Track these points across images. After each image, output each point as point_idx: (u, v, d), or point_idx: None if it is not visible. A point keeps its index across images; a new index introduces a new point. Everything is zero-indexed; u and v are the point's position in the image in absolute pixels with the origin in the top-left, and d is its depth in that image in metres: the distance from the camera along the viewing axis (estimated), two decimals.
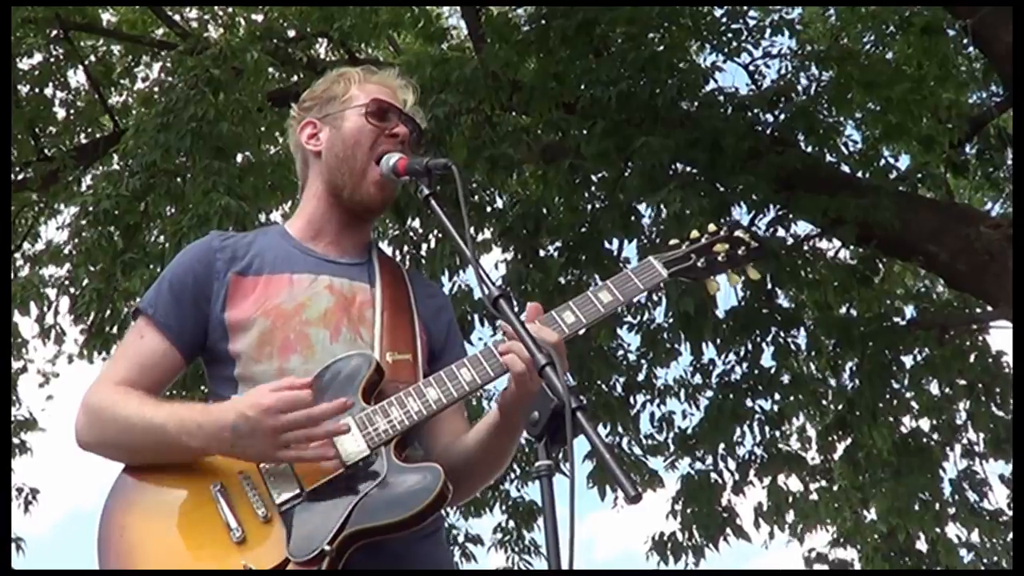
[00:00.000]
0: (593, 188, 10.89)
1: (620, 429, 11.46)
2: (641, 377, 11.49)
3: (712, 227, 3.43)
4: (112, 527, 2.98)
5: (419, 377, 3.18)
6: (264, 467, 2.97)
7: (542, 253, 10.63)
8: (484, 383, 3.08)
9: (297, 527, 2.87)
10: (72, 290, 10.25)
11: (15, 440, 12.24)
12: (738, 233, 3.41)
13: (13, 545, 11.89)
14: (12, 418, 12.27)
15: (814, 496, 12.19)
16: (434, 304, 3.48)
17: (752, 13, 11.18)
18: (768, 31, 11.07)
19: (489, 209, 10.62)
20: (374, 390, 3.06)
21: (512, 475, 11.78)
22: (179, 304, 3.23)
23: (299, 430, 2.87)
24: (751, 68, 11.37)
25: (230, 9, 13.53)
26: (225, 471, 2.97)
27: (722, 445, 11.05)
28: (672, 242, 3.40)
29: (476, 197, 10.31)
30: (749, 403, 10.86)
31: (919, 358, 11.19)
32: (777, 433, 11.19)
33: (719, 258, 3.36)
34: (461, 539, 11.65)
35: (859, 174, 10.92)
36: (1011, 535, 11.38)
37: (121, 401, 3.09)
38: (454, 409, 3.18)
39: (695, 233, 3.41)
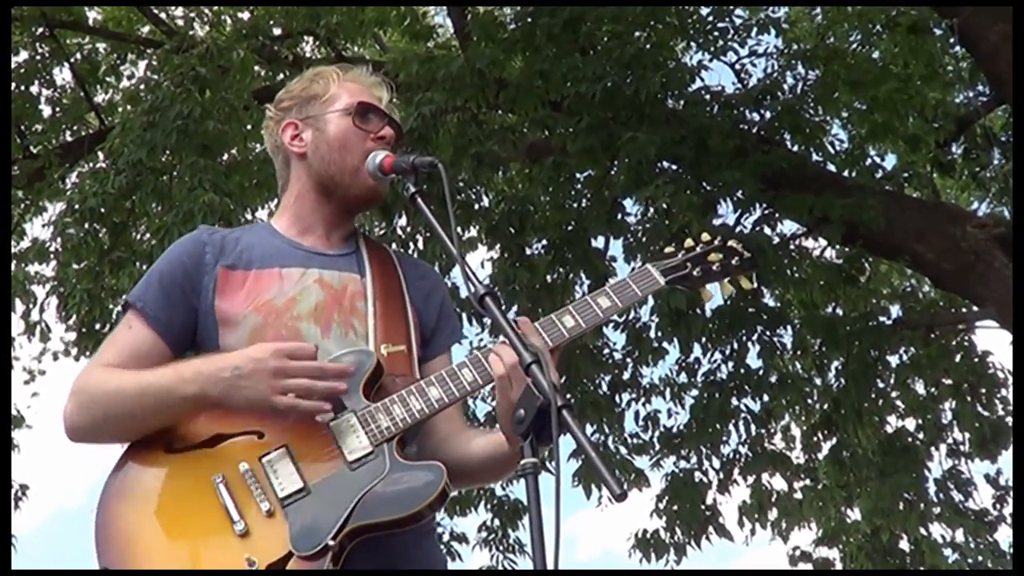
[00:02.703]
0: (579, 186, 10.90)
1: (606, 428, 11.48)
2: (626, 376, 11.50)
3: (706, 236, 3.45)
4: (110, 518, 2.96)
5: (414, 368, 3.20)
6: (267, 460, 2.96)
7: (528, 251, 10.64)
8: (485, 383, 3.08)
9: (300, 521, 2.87)
10: (61, 289, 10.24)
11: None
12: (731, 243, 3.44)
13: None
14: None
15: (798, 495, 12.21)
16: (425, 286, 3.47)
17: (738, 12, 11.19)
18: (754, 30, 11.07)
19: (476, 207, 10.62)
20: (374, 386, 3.07)
21: None
22: (168, 297, 3.22)
23: (302, 378, 2.89)
24: (737, 67, 11.39)
25: (216, 7, 13.50)
26: (227, 463, 2.96)
27: (707, 444, 11.08)
28: (667, 250, 3.43)
29: (462, 195, 10.31)
30: (734, 402, 10.88)
31: (905, 357, 11.24)
32: (762, 432, 11.21)
33: (714, 267, 3.39)
34: (446, 537, 11.64)
35: (845, 173, 10.94)
36: (995, 534, 11.43)
37: (112, 375, 3.09)
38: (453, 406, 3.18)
39: (689, 242, 3.43)
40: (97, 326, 9.97)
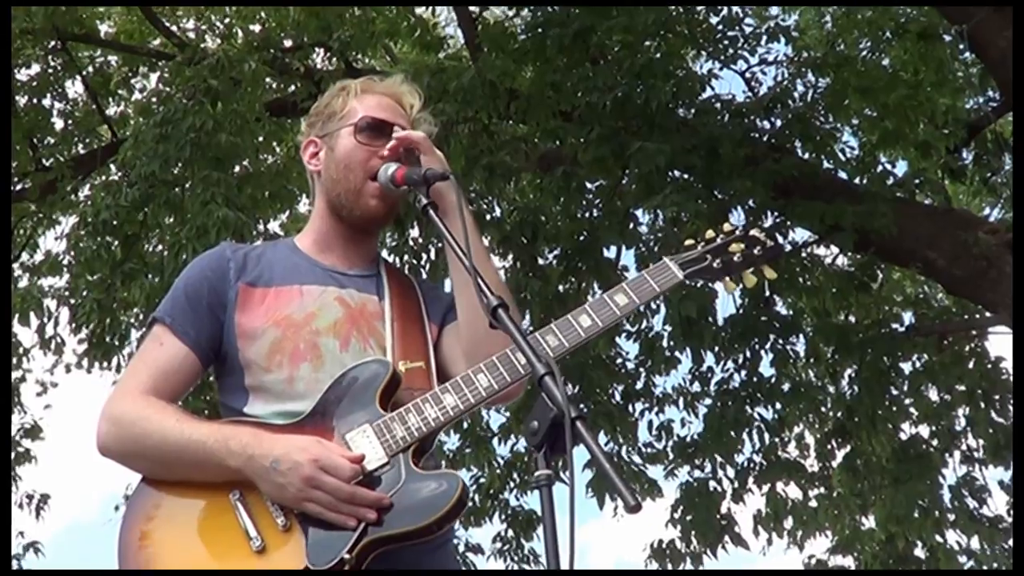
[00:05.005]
0: (591, 196, 10.90)
1: (620, 438, 11.45)
2: (640, 385, 11.47)
3: (727, 227, 3.43)
4: (132, 537, 2.99)
5: (433, 384, 3.18)
6: None
7: (541, 261, 10.64)
8: (501, 388, 3.06)
9: (316, 535, 2.87)
10: (72, 300, 10.26)
11: (20, 448, 12.26)
12: (754, 232, 3.41)
13: (31, 550, 12.05)
14: (18, 425, 12.35)
15: (813, 503, 12.18)
16: (443, 304, 3.46)
17: (748, 20, 11.19)
18: (764, 38, 11.08)
19: (488, 217, 10.62)
20: (391, 397, 3.07)
21: (512, 484, 11.78)
22: (195, 312, 3.24)
23: (329, 495, 2.86)
24: (747, 75, 11.40)
25: (227, 19, 13.53)
26: (244, 480, 2.96)
27: (721, 453, 11.06)
28: (687, 242, 3.40)
29: (474, 206, 10.31)
30: (748, 411, 10.86)
31: (918, 364, 11.21)
32: (776, 440, 11.18)
33: (735, 258, 3.36)
34: (461, 548, 11.64)
35: (856, 180, 10.91)
36: (1011, 540, 11.39)
37: (154, 414, 3.09)
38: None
39: (710, 233, 3.41)
40: (108, 338, 10.00)
